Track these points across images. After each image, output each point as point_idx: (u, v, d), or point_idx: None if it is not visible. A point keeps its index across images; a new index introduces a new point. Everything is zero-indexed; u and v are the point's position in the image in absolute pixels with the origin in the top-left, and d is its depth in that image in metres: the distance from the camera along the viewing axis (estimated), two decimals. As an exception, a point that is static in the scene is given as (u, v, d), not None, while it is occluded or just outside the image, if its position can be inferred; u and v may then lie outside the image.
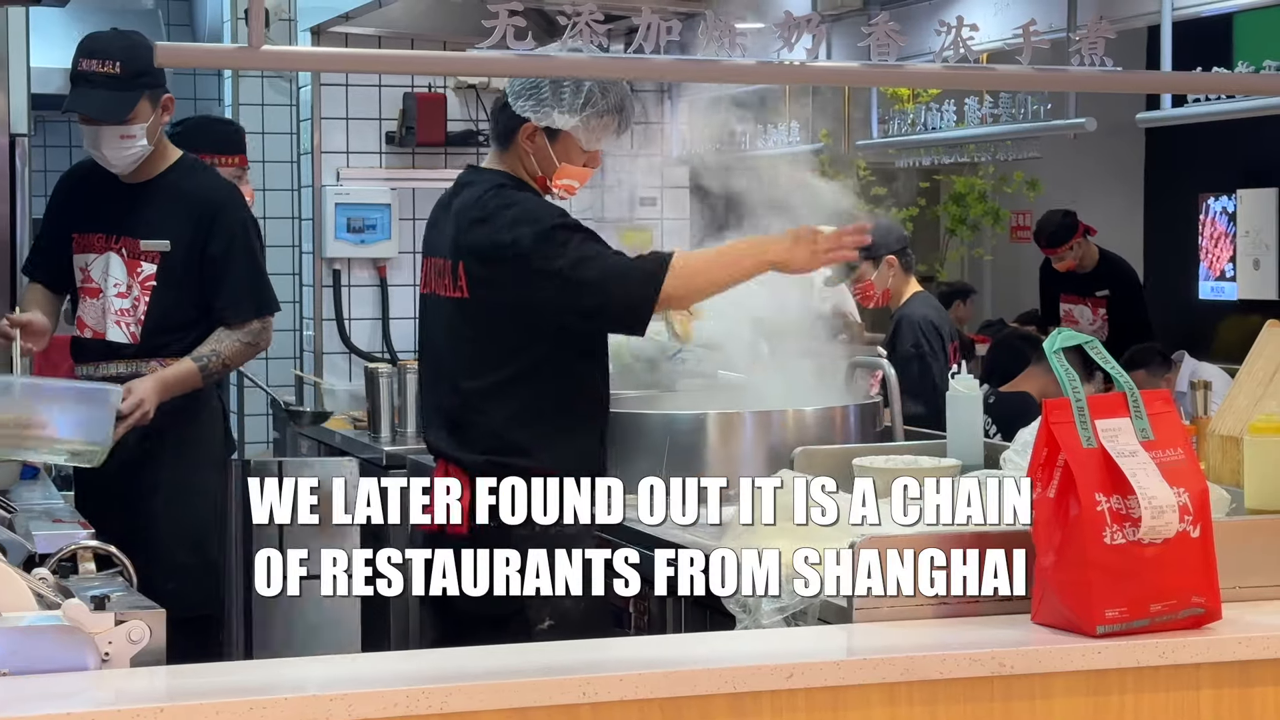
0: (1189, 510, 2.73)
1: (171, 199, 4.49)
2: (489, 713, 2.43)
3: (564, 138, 3.73)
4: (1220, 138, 10.33)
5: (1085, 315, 8.54)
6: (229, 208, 4.51)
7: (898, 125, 8.09)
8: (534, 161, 3.75)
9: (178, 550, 4.38)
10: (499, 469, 3.63)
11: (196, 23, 9.74)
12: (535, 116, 3.70)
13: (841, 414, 4.35)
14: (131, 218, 4.50)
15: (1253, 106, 5.88)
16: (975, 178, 10.98)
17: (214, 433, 4.61)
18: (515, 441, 3.66)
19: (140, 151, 4.44)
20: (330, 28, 6.71)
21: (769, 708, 2.54)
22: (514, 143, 3.75)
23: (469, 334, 3.71)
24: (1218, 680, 2.71)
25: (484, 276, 3.66)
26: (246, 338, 4.46)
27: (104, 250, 4.51)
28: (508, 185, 3.74)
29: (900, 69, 2.89)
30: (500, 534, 3.61)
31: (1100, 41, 2.91)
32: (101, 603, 2.58)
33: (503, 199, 3.70)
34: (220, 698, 2.34)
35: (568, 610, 3.61)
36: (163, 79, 4.46)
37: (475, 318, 3.70)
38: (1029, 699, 2.64)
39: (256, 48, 2.52)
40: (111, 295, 4.48)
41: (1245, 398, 3.43)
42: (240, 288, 4.47)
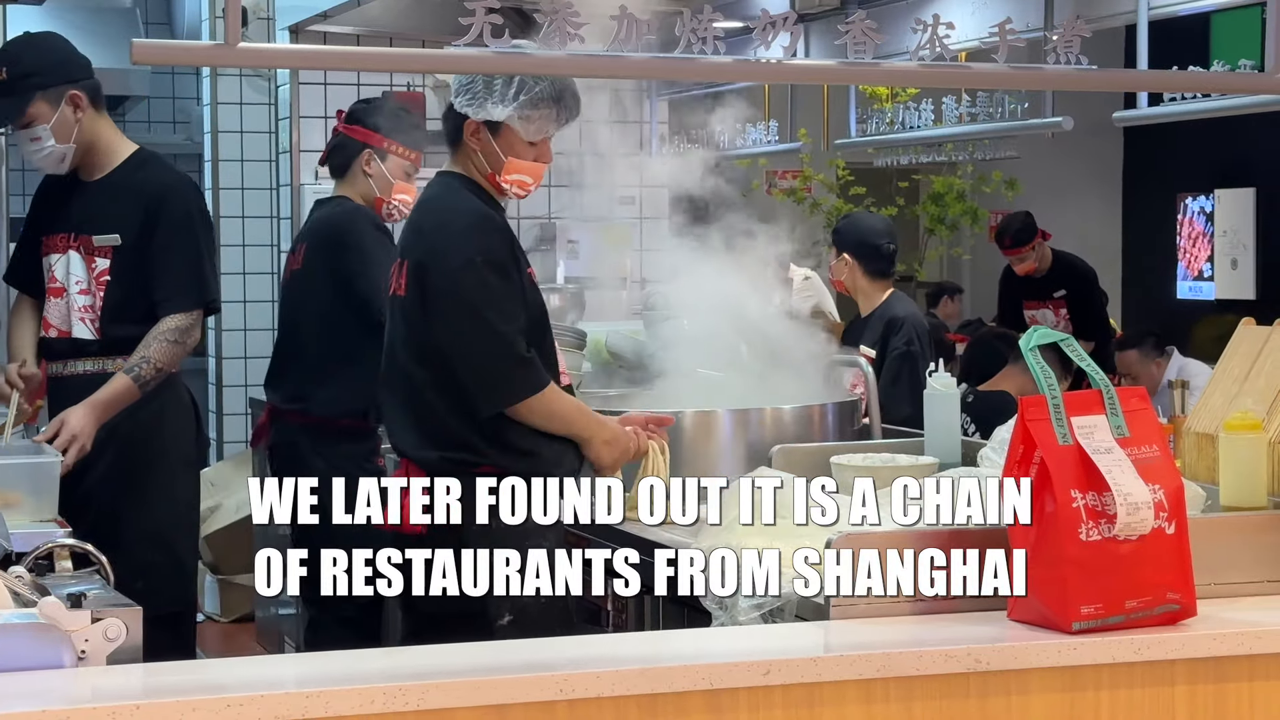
0: (1164, 507, 2.74)
1: (121, 193, 4.48)
2: (466, 710, 2.43)
3: (505, 131, 3.71)
4: (1198, 138, 10.36)
5: (1048, 319, 8.56)
6: (174, 198, 4.47)
7: (876, 125, 8.10)
8: (482, 159, 3.75)
9: (143, 548, 4.36)
10: (452, 465, 3.65)
11: (175, 21, 9.73)
12: (473, 111, 3.70)
13: (820, 412, 4.35)
14: (86, 215, 4.51)
15: (1229, 105, 5.90)
16: (954, 177, 11.00)
17: (182, 430, 4.56)
18: (466, 439, 3.66)
19: (55, 151, 4.43)
20: (308, 26, 6.71)
21: (746, 704, 2.54)
22: (462, 142, 3.76)
23: (414, 334, 3.72)
24: (1192, 676, 2.72)
25: (416, 280, 3.69)
26: (173, 336, 4.39)
27: (65, 249, 4.52)
28: (456, 185, 3.76)
29: (877, 67, 2.90)
30: (458, 532, 3.63)
31: (1076, 40, 2.93)
32: (78, 600, 2.58)
33: (444, 208, 3.74)
34: (196, 695, 2.34)
35: (526, 607, 3.61)
36: (61, 78, 4.42)
37: (415, 317, 3.71)
38: (1005, 695, 2.65)
39: (234, 45, 2.51)
40: (74, 293, 4.48)
41: (1221, 395, 3.44)
42: (180, 278, 4.42)
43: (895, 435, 4.51)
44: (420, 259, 3.70)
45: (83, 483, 4.33)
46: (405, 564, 3.71)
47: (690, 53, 2.75)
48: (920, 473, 3.67)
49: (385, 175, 5.09)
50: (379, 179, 5.09)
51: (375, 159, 5.09)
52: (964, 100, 7.54)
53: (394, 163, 5.11)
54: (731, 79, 5.97)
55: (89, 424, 4.31)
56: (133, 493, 4.43)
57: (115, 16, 8.85)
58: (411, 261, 3.73)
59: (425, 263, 3.69)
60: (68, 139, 4.43)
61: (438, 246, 3.70)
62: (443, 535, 3.62)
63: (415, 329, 3.72)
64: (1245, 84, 4.43)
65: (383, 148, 5.09)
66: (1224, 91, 5.58)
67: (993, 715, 2.65)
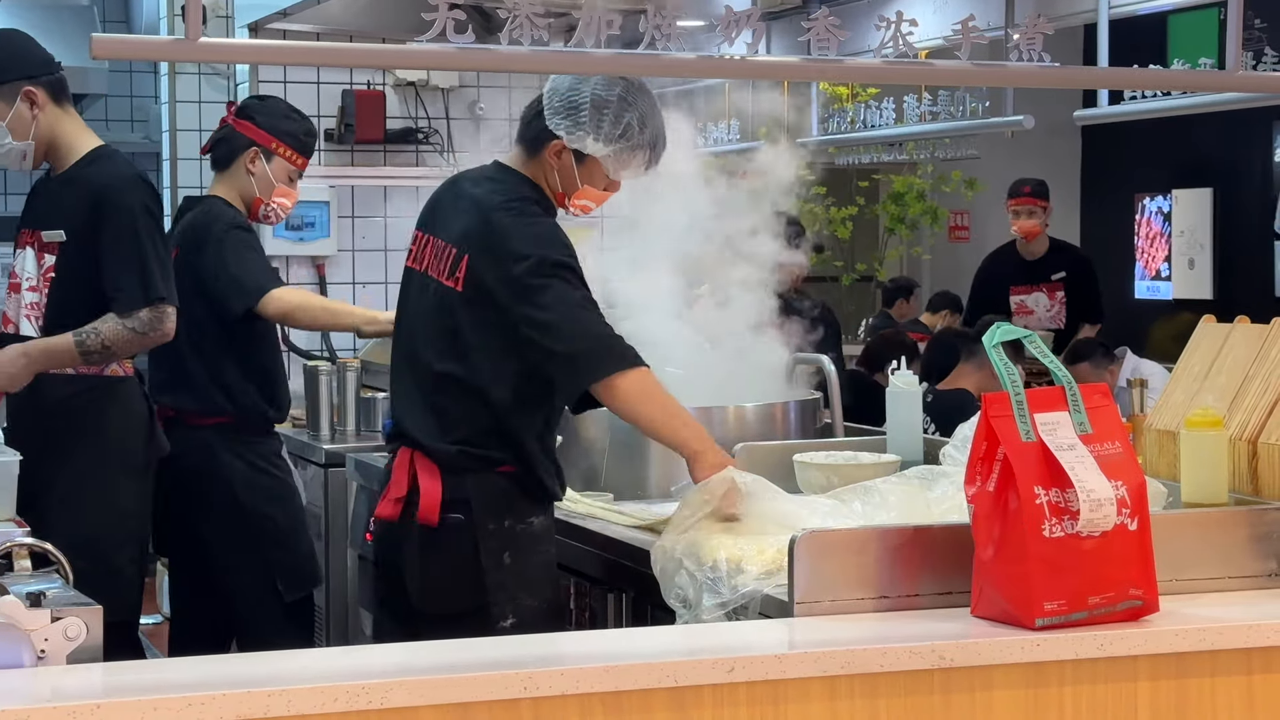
0: (1127, 503, 2.74)
1: (68, 190, 4.44)
2: (430, 708, 2.42)
3: (591, 162, 3.64)
4: (1156, 139, 10.42)
5: (1041, 302, 8.43)
6: (117, 194, 4.40)
7: (837, 123, 8.12)
8: (556, 177, 3.67)
9: (73, 555, 4.30)
10: (472, 461, 3.62)
11: (133, 18, 9.68)
12: (568, 137, 3.61)
13: (782, 410, 4.36)
14: (39, 210, 4.48)
15: (1188, 104, 5.94)
16: (914, 177, 11.03)
17: (127, 436, 4.49)
18: (489, 435, 3.61)
19: (14, 148, 4.38)
20: (268, 24, 6.67)
21: (710, 701, 2.54)
22: (540, 154, 3.67)
23: (455, 325, 3.63)
24: (1155, 672, 2.73)
25: (483, 278, 3.59)
26: (133, 323, 4.34)
27: (25, 245, 4.49)
28: (531, 199, 3.66)
29: (840, 63, 2.90)
30: (468, 528, 3.61)
31: (1038, 38, 2.93)
32: (37, 599, 2.56)
33: (529, 212, 3.62)
34: (157, 694, 2.32)
35: (529, 609, 3.59)
36: (15, 74, 4.37)
37: (468, 311, 3.61)
38: (969, 691, 2.66)
39: (194, 40, 2.50)
40: (25, 289, 4.45)
41: (1181, 393, 3.46)
42: (124, 275, 4.37)
43: (857, 434, 4.51)
44: (496, 254, 3.57)
45: (23, 486, 4.28)
46: (406, 560, 3.69)
47: (654, 49, 2.75)
48: (882, 471, 3.68)
49: (268, 176, 5.01)
50: (261, 179, 5.01)
51: (260, 158, 5.01)
52: (925, 99, 7.56)
53: (279, 165, 5.03)
54: (695, 75, 5.97)
55: (17, 366, 4.29)
56: (69, 499, 4.35)
57: (73, 14, 8.80)
58: (478, 255, 3.60)
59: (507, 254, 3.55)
60: (25, 135, 4.39)
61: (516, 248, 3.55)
62: (456, 531, 3.61)
63: (476, 321, 3.60)
64: (1207, 82, 4.46)
65: (270, 148, 5.01)
66: (1187, 89, 5.61)
67: (957, 711, 2.65)
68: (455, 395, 3.62)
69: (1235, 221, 10.75)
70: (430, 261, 3.70)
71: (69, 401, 4.38)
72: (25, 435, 4.25)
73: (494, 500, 3.59)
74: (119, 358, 4.40)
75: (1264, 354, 3.32)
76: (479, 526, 3.58)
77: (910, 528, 2.90)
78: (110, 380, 4.42)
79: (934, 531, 2.90)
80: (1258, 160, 10.49)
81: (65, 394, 4.38)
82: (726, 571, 3.02)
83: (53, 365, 4.35)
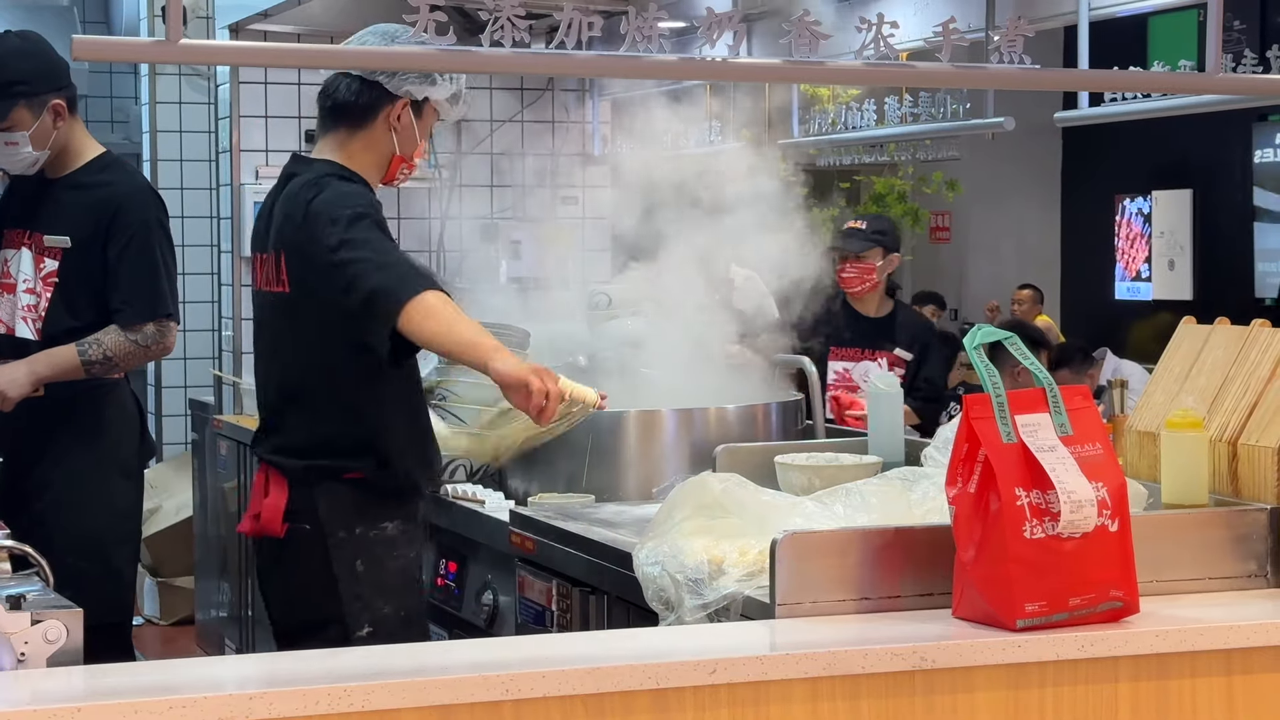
0: (1107, 505, 2.75)
1: (77, 196, 4.43)
2: (411, 710, 2.42)
3: (427, 111, 3.71)
4: (1136, 140, 10.45)
5: None
6: (131, 207, 4.41)
7: (818, 125, 8.12)
8: (394, 140, 3.69)
9: (77, 557, 4.29)
10: (318, 472, 3.61)
11: (113, 20, 9.65)
12: (417, 89, 3.66)
13: (764, 412, 4.36)
14: (39, 213, 4.45)
15: (1168, 106, 5.95)
16: (895, 178, 11.05)
17: (122, 437, 4.49)
18: (333, 444, 3.61)
19: (29, 157, 4.38)
20: (249, 25, 6.66)
21: (691, 703, 2.54)
22: (369, 125, 3.69)
23: (288, 329, 3.65)
24: (1136, 673, 2.74)
25: (299, 263, 3.59)
26: (136, 337, 4.36)
27: (19, 246, 4.47)
28: (332, 175, 3.66)
29: (821, 65, 2.90)
30: (317, 539, 3.60)
31: (1019, 40, 2.93)
32: (17, 602, 2.55)
33: (325, 185, 3.62)
34: (138, 697, 2.31)
35: (386, 618, 3.59)
36: (45, 87, 4.36)
37: (297, 311, 3.63)
38: (950, 693, 2.66)
39: (175, 41, 2.49)
40: (21, 291, 4.43)
41: (1162, 394, 3.46)
42: (134, 289, 4.37)
43: (839, 435, 4.52)
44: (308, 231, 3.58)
45: (17, 487, 4.27)
46: (262, 574, 3.70)
47: (635, 51, 2.75)
48: (864, 472, 3.68)
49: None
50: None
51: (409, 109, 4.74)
52: (906, 100, 7.56)
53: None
54: (676, 77, 5.97)
55: (22, 378, 4.28)
56: (69, 501, 4.36)
57: (52, 15, 8.79)
58: (288, 248, 3.61)
59: (316, 219, 3.56)
60: (44, 145, 4.38)
61: (318, 219, 3.56)
62: (305, 541, 3.60)
63: (304, 319, 3.61)
64: (1188, 84, 4.46)
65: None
66: (1167, 91, 5.62)
67: (938, 713, 2.65)
68: (301, 404, 3.65)
69: (1215, 222, 10.79)
70: (262, 277, 3.75)
71: (66, 403, 4.38)
72: (21, 437, 4.25)
73: (342, 508, 3.59)
74: (120, 370, 4.40)
75: (1244, 355, 3.33)
76: (329, 535, 3.58)
77: (892, 529, 2.90)
78: (105, 383, 4.43)
79: (915, 533, 2.91)
80: (1237, 161, 10.53)
81: (62, 396, 4.38)
82: (708, 573, 3.02)
83: (57, 376, 4.34)
